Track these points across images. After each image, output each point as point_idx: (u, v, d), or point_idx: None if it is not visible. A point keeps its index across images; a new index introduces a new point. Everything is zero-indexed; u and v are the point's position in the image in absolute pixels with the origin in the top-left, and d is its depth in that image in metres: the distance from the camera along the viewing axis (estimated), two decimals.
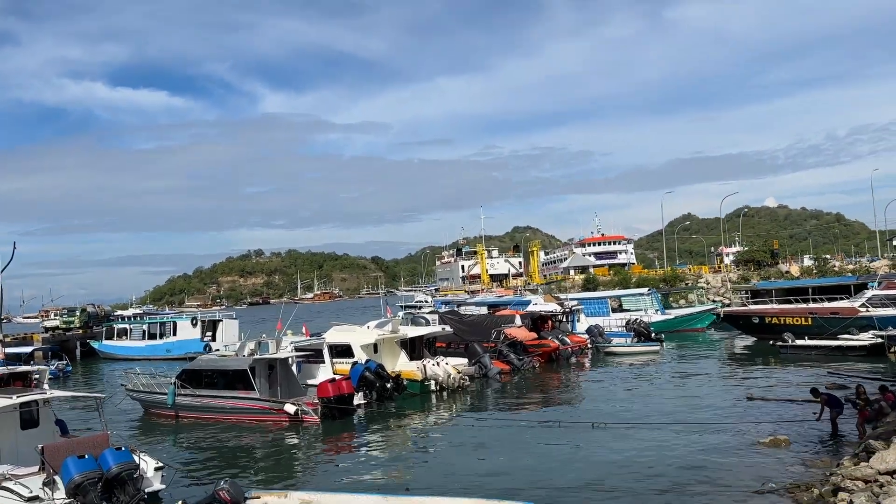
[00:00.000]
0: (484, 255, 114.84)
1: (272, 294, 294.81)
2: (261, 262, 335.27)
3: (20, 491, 12.74)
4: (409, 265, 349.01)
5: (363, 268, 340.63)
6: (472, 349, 29.68)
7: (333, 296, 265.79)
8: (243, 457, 19.11)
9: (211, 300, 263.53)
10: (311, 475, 16.89)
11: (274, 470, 17.61)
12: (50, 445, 13.87)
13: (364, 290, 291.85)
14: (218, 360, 24.76)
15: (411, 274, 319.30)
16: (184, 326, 50.02)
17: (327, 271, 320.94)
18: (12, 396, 14.81)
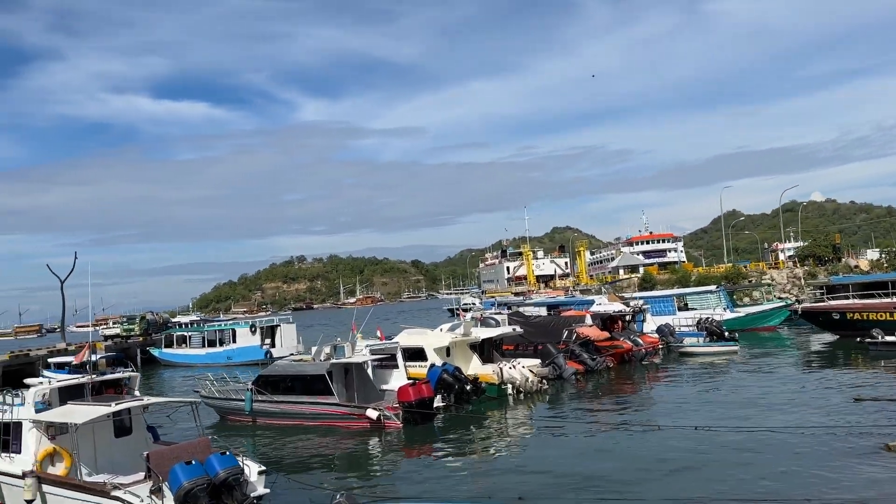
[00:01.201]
0: (530, 256, 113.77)
1: (315, 299, 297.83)
2: (303, 267, 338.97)
3: (131, 500, 12.49)
4: (448, 268, 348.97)
5: (403, 272, 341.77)
6: (545, 350, 28.96)
7: (375, 300, 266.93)
8: (330, 462, 18.76)
9: (256, 306, 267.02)
10: (401, 482, 16.39)
11: (363, 476, 17.19)
12: (155, 452, 13.64)
13: (405, 294, 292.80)
14: (295, 364, 24.51)
15: (451, 277, 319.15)
16: (243, 333, 50.24)
17: (368, 276, 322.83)
18: (111, 404, 14.63)
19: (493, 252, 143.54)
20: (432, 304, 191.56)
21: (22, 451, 15.17)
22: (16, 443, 15.35)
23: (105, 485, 13.10)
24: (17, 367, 43.17)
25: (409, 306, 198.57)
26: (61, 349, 50.67)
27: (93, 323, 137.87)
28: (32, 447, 15.01)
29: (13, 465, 15.07)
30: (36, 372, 43.25)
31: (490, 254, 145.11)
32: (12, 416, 15.39)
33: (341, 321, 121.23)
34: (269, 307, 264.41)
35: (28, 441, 15.12)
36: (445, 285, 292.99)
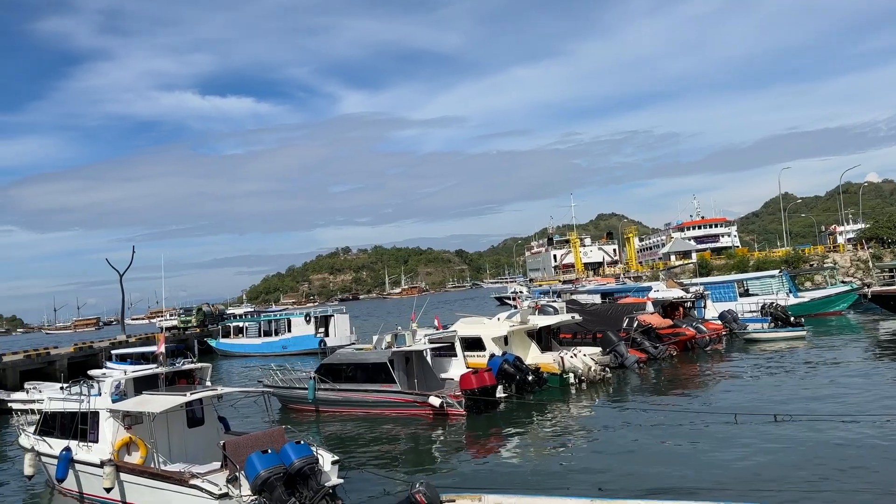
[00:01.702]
0: (577, 244, 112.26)
1: (361, 290, 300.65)
2: (348, 259, 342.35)
3: (210, 489, 12.54)
4: (492, 257, 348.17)
5: (447, 261, 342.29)
6: (606, 338, 28.36)
7: (421, 290, 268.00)
8: (396, 451, 18.66)
9: (304, 297, 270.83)
10: (470, 471, 16.11)
11: (431, 465, 17.01)
12: (231, 441, 13.69)
13: (450, 284, 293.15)
14: (356, 353, 24.51)
15: (495, 266, 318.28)
16: (297, 323, 50.83)
17: (412, 266, 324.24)
18: (185, 394, 14.73)
19: (539, 240, 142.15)
20: (477, 294, 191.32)
21: (99, 440, 15.44)
22: (93, 432, 15.63)
23: (183, 473, 13.20)
24: (82, 359, 44.36)
25: (454, 296, 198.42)
26: (122, 341, 52.00)
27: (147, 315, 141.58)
28: (109, 436, 15.26)
29: (91, 454, 15.35)
30: (99, 363, 44.45)
31: (536, 242, 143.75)
32: (89, 406, 15.67)
33: (387, 311, 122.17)
34: (316, 298, 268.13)
35: (105, 430, 15.37)
36: (490, 275, 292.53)
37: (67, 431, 16.34)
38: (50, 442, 16.64)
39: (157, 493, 13.57)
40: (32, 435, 17.57)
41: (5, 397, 32.92)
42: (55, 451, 16.14)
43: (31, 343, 78.49)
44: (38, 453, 16.73)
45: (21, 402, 32.48)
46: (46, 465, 16.76)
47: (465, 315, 30.37)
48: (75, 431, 15.93)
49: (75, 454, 15.55)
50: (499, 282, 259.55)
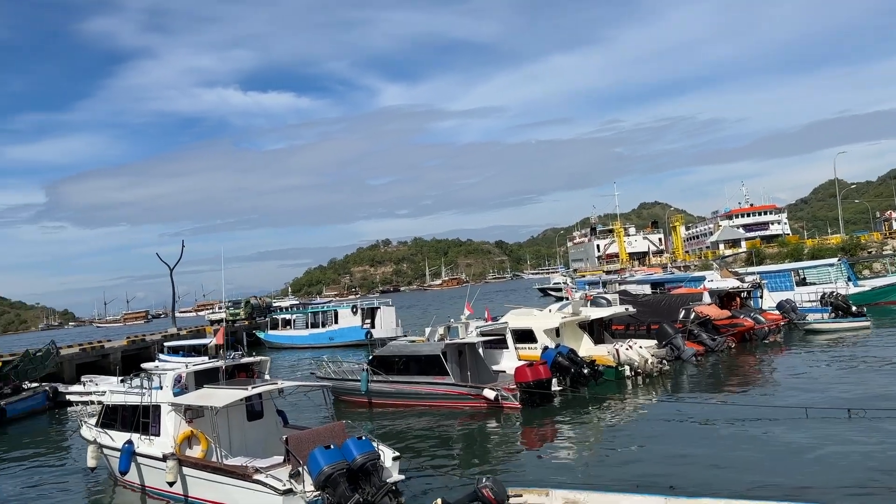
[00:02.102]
0: (622, 233, 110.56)
1: (401, 282, 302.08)
2: (389, 251, 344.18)
3: (274, 485, 12.44)
4: (532, 248, 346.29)
5: (487, 252, 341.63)
6: (662, 330, 27.65)
7: (461, 281, 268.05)
8: (452, 444, 18.43)
9: (346, 290, 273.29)
10: (531, 466, 15.74)
11: (489, 459, 16.68)
12: (293, 436, 13.57)
13: (490, 275, 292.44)
14: (409, 345, 24.35)
15: (536, 256, 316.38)
16: (344, 315, 51.08)
17: (452, 257, 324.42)
18: (247, 387, 14.69)
19: (582, 230, 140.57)
20: (518, 285, 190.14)
21: (161, 433, 15.51)
22: (154, 425, 15.71)
23: (246, 468, 13.13)
24: (135, 352, 45.26)
25: (495, 287, 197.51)
26: (173, 334, 52.98)
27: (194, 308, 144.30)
28: (171, 430, 15.32)
29: (153, 447, 15.43)
30: (152, 356, 45.32)
31: (578, 232, 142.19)
32: (151, 400, 15.75)
33: (428, 302, 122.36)
34: (358, 290, 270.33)
35: (167, 424, 15.44)
36: (530, 265, 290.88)
37: (129, 424, 16.49)
38: (112, 434, 16.83)
39: (219, 487, 13.56)
40: (94, 427, 17.81)
41: (63, 390, 33.70)
42: (117, 444, 16.32)
43: (83, 336, 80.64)
44: (101, 445, 16.91)
45: (78, 394, 33.25)
46: (108, 457, 16.95)
47: (514, 306, 29.95)
48: (137, 424, 16.05)
49: (137, 447, 15.66)
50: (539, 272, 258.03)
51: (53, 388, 33.21)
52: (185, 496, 14.49)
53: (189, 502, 14.47)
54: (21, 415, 30.23)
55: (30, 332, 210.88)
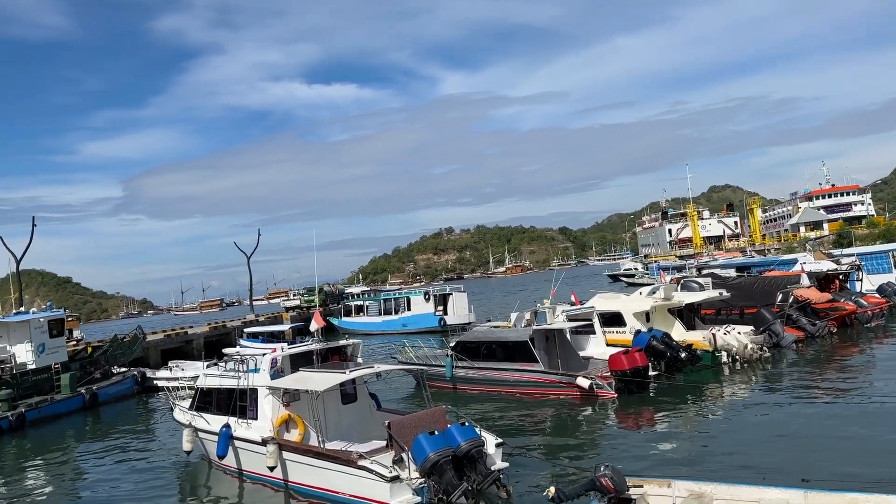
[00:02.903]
0: (696, 217, 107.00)
1: (464, 269, 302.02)
2: (451, 239, 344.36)
3: (381, 471, 12.08)
4: (597, 234, 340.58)
5: (551, 239, 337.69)
6: (759, 315, 26.24)
7: (525, 268, 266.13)
8: (548, 433, 17.79)
9: (410, 277, 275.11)
10: (637, 457, 14.90)
11: (590, 449, 15.94)
12: (395, 421, 13.22)
13: (554, 262, 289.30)
14: (495, 331, 23.79)
15: (601, 243, 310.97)
16: (417, 302, 50.97)
17: (515, 245, 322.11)
18: (345, 371, 14.40)
19: (652, 214, 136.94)
20: (584, 271, 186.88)
21: (258, 417, 15.41)
22: (252, 409, 15.61)
23: (350, 454, 12.82)
24: (216, 338, 46.34)
25: (559, 274, 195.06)
26: (252, 320, 54.03)
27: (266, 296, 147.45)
28: (269, 414, 15.18)
29: (250, 431, 15.33)
30: (233, 342, 46.30)
31: (647, 217, 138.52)
32: (249, 383, 15.67)
33: (492, 289, 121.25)
34: (422, 278, 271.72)
35: (264, 407, 15.31)
36: (596, 252, 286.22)
37: (224, 407, 16.47)
38: (207, 418, 16.84)
39: (321, 473, 13.30)
40: (188, 410, 17.91)
41: (151, 375, 34.57)
42: (213, 428, 16.31)
43: (162, 324, 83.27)
44: (196, 429, 16.97)
45: (166, 379, 34.01)
46: (204, 440, 17.00)
47: (599, 291, 29.00)
48: (233, 408, 16.01)
49: (234, 431, 15.61)
50: (605, 259, 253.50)
51: (142, 372, 34.13)
52: (285, 481, 14.33)
53: (289, 487, 14.31)
54: (111, 399, 31.15)
55: (111, 321, 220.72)
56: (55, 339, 30.56)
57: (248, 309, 66.24)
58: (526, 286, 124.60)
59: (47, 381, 29.45)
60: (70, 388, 29.26)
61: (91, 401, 29.55)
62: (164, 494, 16.11)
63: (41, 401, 27.84)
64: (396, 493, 11.96)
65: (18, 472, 20.59)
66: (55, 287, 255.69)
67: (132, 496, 16.39)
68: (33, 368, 29.18)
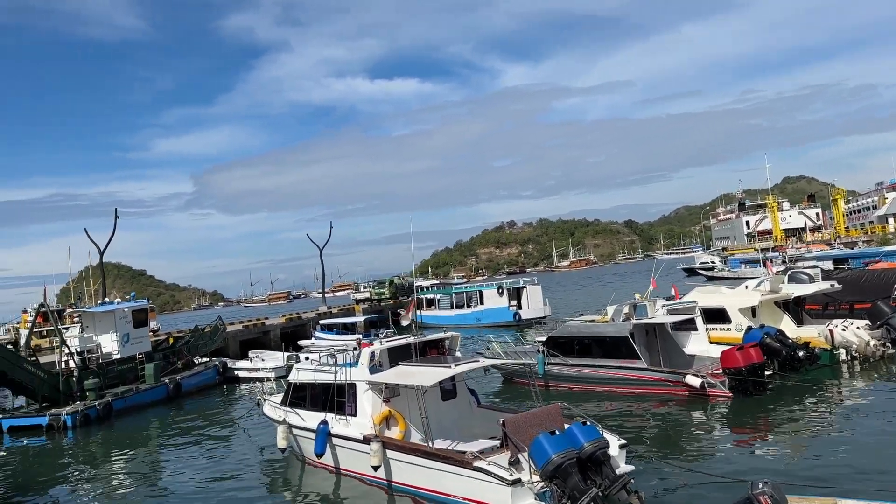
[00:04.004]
0: (776, 208, 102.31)
1: (527, 263, 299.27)
2: (514, 232, 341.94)
3: (501, 473, 11.08)
4: (664, 227, 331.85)
5: (616, 233, 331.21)
6: (876, 309, 24.05)
7: (589, 262, 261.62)
8: (665, 436, 16.44)
9: (472, 271, 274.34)
10: (765, 466, 13.54)
11: (714, 455, 14.57)
12: (510, 419, 12.17)
13: (620, 256, 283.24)
14: (591, 325, 22.48)
15: (669, 236, 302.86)
16: (490, 295, 49.90)
17: (579, 238, 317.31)
18: (451, 365, 13.45)
19: (728, 206, 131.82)
20: (652, 265, 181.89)
21: (357, 413, 14.63)
22: (350, 405, 14.84)
23: (464, 454, 11.86)
24: (292, 330, 46.41)
25: (626, 268, 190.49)
26: (324, 312, 54.05)
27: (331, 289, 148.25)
28: (369, 410, 14.39)
29: (349, 428, 14.58)
30: (308, 333, 46.32)
31: (722, 208, 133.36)
32: (347, 378, 14.91)
33: (557, 283, 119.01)
34: (484, 272, 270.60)
35: (364, 403, 14.53)
36: (664, 245, 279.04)
37: (320, 403, 15.76)
38: (301, 414, 16.18)
39: (431, 473, 12.39)
40: (280, 406, 17.30)
41: (232, 365, 34.61)
42: (308, 424, 15.65)
43: (233, 316, 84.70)
44: (290, 425, 16.34)
45: (247, 369, 34.01)
46: (298, 437, 16.35)
47: (700, 285, 27.26)
48: (330, 404, 15.28)
49: (332, 428, 14.89)
50: (673, 252, 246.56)
51: (223, 362, 34.20)
52: (389, 481, 13.50)
53: (392, 488, 13.48)
54: (194, 389, 31.21)
55: (183, 312, 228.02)
56: (139, 329, 30.81)
57: (314, 301, 66.54)
58: (593, 280, 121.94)
59: (131, 370, 29.69)
60: (154, 377, 29.43)
61: (175, 391, 29.65)
62: (256, 490, 15.59)
63: (127, 390, 28.03)
64: (518, 498, 10.93)
65: (106, 461, 20.59)
66: (130, 279, 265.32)
67: (222, 490, 15.96)
68: (118, 358, 29.45)
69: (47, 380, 26.11)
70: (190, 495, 15.92)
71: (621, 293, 27.72)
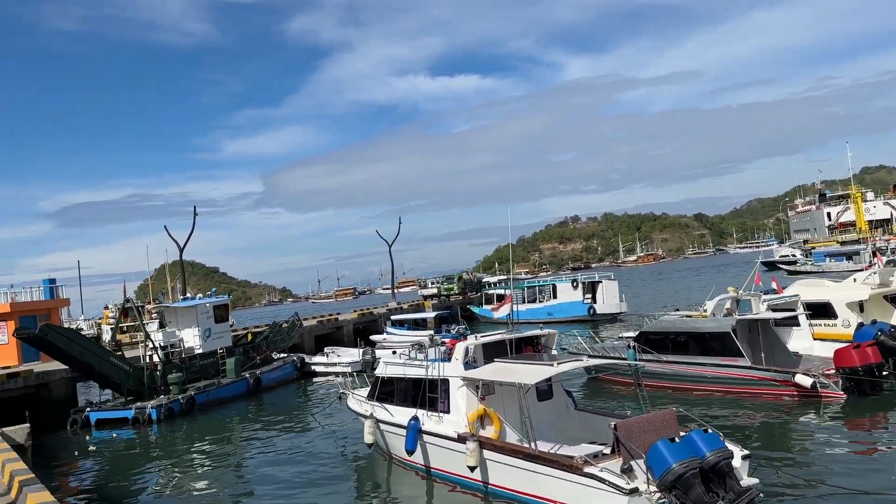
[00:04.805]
0: (860, 199, 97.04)
1: (592, 258, 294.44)
2: (577, 227, 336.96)
3: (616, 481, 10.23)
4: (736, 220, 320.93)
5: (685, 226, 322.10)
6: None
7: (657, 257, 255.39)
8: (784, 443, 15.16)
9: (536, 267, 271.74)
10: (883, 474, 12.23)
11: (827, 465, 13.27)
12: (623, 424, 11.28)
13: (689, 250, 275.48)
14: (687, 320, 21.24)
15: (741, 229, 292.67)
16: (563, 289, 48.71)
17: (646, 232, 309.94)
18: (553, 363, 12.64)
19: (807, 197, 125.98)
20: (726, 260, 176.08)
21: (451, 410, 14.00)
22: (443, 402, 14.23)
23: (574, 459, 11.05)
24: (364, 325, 46.37)
25: (697, 263, 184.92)
26: (394, 308, 53.91)
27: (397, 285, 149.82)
28: (463, 407, 13.73)
29: (442, 426, 13.96)
30: (380, 329, 46.21)
31: (801, 200, 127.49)
32: (440, 373, 14.29)
33: (625, 279, 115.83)
34: (548, 267, 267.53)
35: (458, 400, 13.88)
36: (736, 239, 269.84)
37: (410, 399, 15.24)
38: (390, 409, 15.68)
39: (533, 477, 11.63)
40: (366, 400, 16.87)
41: (309, 360, 34.67)
42: (397, 420, 15.15)
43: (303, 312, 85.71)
44: (377, 420, 15.87)
45: (323, 364, 33.99)
46: (385, 433, 15.87)
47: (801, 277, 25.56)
48: (421, 400, 14.71)
49: (423, 425, 14.31)
50: (747, 246, 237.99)
51: (301, 358, 34.27)
52: (485, 483, 12.82)
53: (489, 491, 12.79)
54: (273, 384, 31.34)
55: (254, 308, 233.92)
56: (220, 324, 31.12)
57: (378, 297, 66.69)
58: (664, 276, 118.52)
59: (213, 365, 29.98)
60: (235, 372, 29.64)
61: (255, 385, 29.80)
62: (343, 485, 15.27)
63: (209, 384, 28.28)
64: None
65: (191, 453, 20.69)
66: (204, 276, 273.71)
67: (306, 483, 15.69)
68: (200, 353, 29.77)
69: (133, 373, 26.55)
70: (275, 488, 15.71)
71: (699, 289, 26.22)
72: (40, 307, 34.80)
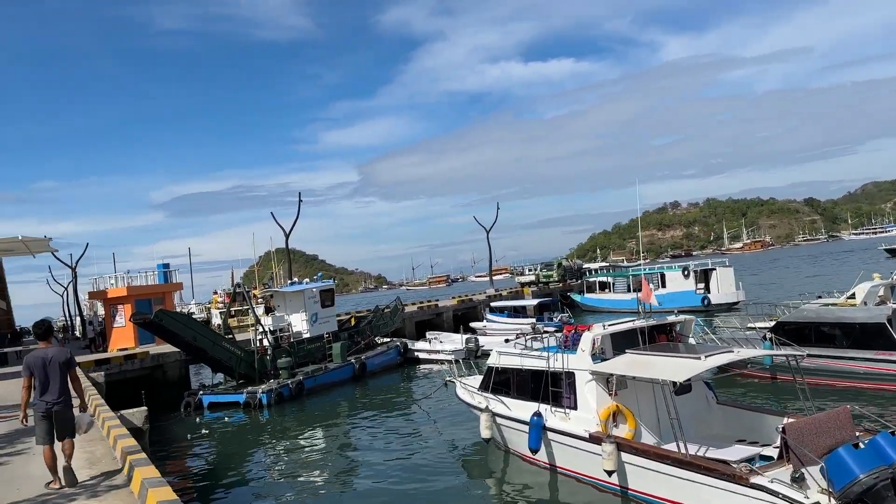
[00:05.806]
0: None
1: (693, 246, 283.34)
2: (677, 214, 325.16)
3: (793, 496, 8.81)
4: (851, 205, 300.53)
5: (794, 212, 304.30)
6: None
7: (765, 244, 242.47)
8: None
9: (633, 254, 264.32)
10: None
11: None
12: (792, 425, 9.82)
13: (800, 237, 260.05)
14: (833, 309, 19.15)
15: (857, 214, 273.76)
16: (673, 277, 46.24)
17: (752, 218, 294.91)
18: (700, 356, 11.23)
19: None
20: (839, 247, 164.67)
21: (578, 406, 12.84)
22: (569, 396, 13.08)
23: (735, 467, 9.69)
24: (463, 311, 45.74)
25: (809, 250, 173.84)
26: (493, 295, 52.99)
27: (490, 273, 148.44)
28: (593, 404, 12.53)
29: (569, 423, 12.82)
30: (479, 316, 45.45)
31: None
32: (564, 366, 13.16)
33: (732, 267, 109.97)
34: (646, 255, 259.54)
35: (586, 396, 12.69)
36: (851, 224, 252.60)
37: (528, 392, 14.20)
38: (507, 402, 14.70)
39: (684, 486, 10.34)
40: (480, 391, 15.95)
41: (412, 346, 34.27)
42: (516, 414, 14.17)
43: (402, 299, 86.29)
44: (493, 413, 14.94)
45: (426, 351, 33.50)
46: (503, 427, 14.92)
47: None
48: (543, 394, 13.63)
49: (546, 421, 13.23)
50: (863, 232, 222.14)
51: (404, 343, 33.93)
52: (625, 488, 11.61)
53: (630, 496, 11.58)
54: (378, 369, 31.10)
55: (352, 294, 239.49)
56: (326, 308, 31.13)
57: (471, 285, 65.99)
58: (768, 264, 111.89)
59: (319, 349, 30.00)
60: (341, 357, 29.55)
61: (360, 370, 29.63)
62: (458, 477, 14.57)
63: (316, 369, 28.28)
64: None
65: (301, 438, 20.57)
66: (304, 263, 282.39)
67: (418, 474, 15.08)
68: (307, 337, 29.85)
69: (244, 358, 26.84)
70: (385, 475, 15.25)
71: (820, 278, 23.71)
72: (155, 291, 36.02)
